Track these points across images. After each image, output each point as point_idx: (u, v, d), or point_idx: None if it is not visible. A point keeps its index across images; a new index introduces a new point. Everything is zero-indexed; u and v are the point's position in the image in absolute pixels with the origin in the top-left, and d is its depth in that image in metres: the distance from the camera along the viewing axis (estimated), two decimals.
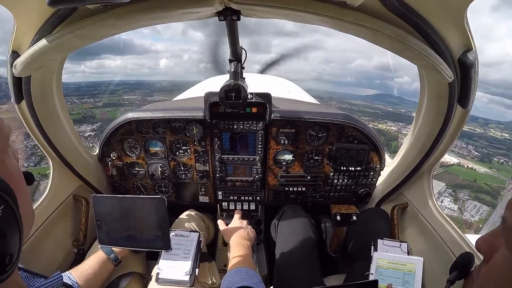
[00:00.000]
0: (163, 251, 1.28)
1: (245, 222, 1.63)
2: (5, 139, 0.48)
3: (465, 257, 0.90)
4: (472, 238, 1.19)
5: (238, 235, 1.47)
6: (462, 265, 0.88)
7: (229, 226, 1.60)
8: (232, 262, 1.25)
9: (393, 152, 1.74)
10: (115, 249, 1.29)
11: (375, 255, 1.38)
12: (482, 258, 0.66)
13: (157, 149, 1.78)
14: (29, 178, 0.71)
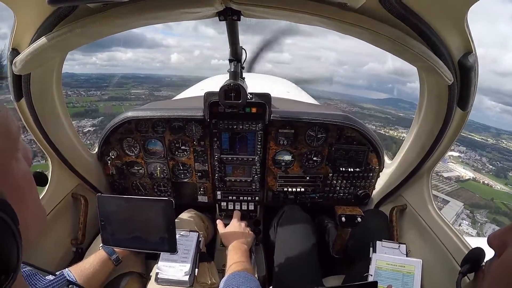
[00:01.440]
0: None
1: (243, 224, 1.63)
2: (13, 141, 0.45)
3: (476, 251, 0.92)
4: (471, 241, 1.20)
5: (235, 239, 1.47)
6: (474, 259, 0.89)
7: (227, 228, 1.59)
8: (230, 266, 1.25)
9: None
10: (117, 249, 1.29)
11: (374, 256, 1.38)
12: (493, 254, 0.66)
13: (156, 148, 1.77)
14: (41, 179, 0.69)
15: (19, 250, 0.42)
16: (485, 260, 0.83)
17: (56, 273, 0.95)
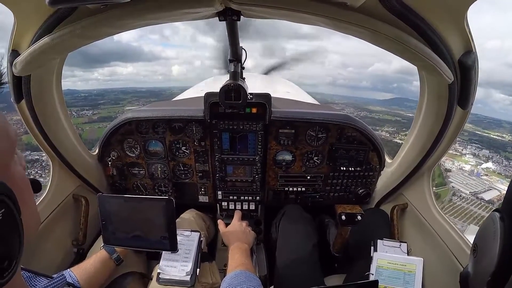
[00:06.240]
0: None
1: (244, 223, 1.63)
2: (11, 144, 0.47)
3: None
4: (471, 238, 1.20)
5: (236, 238, 1.47)
6: None
7: (228, 228, 1.59)
8: (231, 265, 1.26)
9: (440, 185, 1.66)
10: (118, 248, 1.29)
11: (375, 255, 1.38)
12: None
13: (157, 149, 1.77)
14: (36, 185, 0.70)
15: (22, 239, 0.42)
16: None
17: (57, 274, 0.95)
